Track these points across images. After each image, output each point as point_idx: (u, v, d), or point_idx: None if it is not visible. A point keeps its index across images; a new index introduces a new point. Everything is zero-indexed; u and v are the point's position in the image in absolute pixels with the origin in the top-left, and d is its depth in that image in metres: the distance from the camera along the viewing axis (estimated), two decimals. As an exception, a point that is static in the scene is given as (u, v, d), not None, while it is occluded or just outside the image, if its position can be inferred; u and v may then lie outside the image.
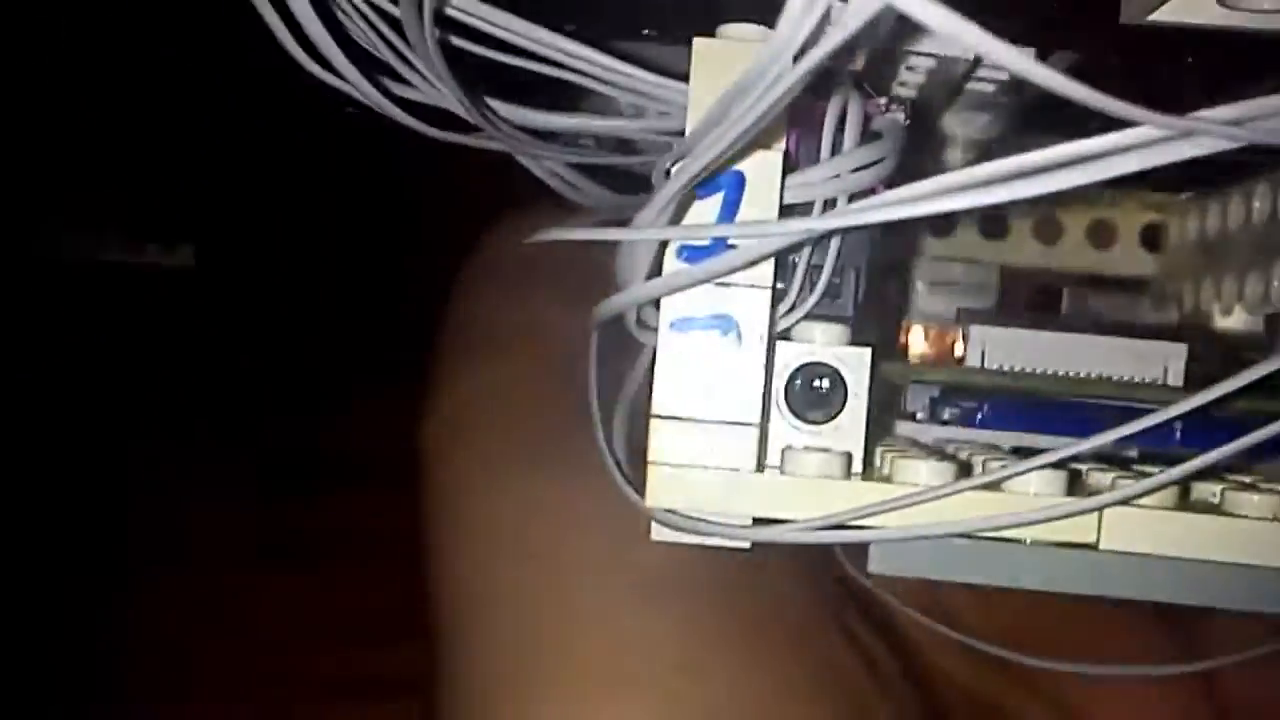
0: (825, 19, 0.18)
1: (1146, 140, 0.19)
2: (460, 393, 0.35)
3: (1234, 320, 0.35)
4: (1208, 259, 0.37)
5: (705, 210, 0.23)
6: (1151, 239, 0.41)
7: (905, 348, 0.37)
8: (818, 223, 0.21)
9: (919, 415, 0.29)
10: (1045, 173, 0.19)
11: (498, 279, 0.37)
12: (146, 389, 0.64)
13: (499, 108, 0.28)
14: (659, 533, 0.24)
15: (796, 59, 0.18)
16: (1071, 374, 0.28)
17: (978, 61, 0.29)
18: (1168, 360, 0.28)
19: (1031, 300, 0.40)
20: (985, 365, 0.28)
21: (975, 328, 0.29)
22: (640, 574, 0.30)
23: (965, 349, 0.29)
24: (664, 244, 0.22)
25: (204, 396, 0.65)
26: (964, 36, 0.17)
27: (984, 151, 0.38)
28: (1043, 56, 0.29)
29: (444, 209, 0.39)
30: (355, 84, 0.25)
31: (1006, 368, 0.28)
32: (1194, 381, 0.29)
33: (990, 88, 0.32)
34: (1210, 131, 0.18)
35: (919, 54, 0.28)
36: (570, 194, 0.30)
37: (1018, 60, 0.17)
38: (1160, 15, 0.23)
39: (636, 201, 0.31)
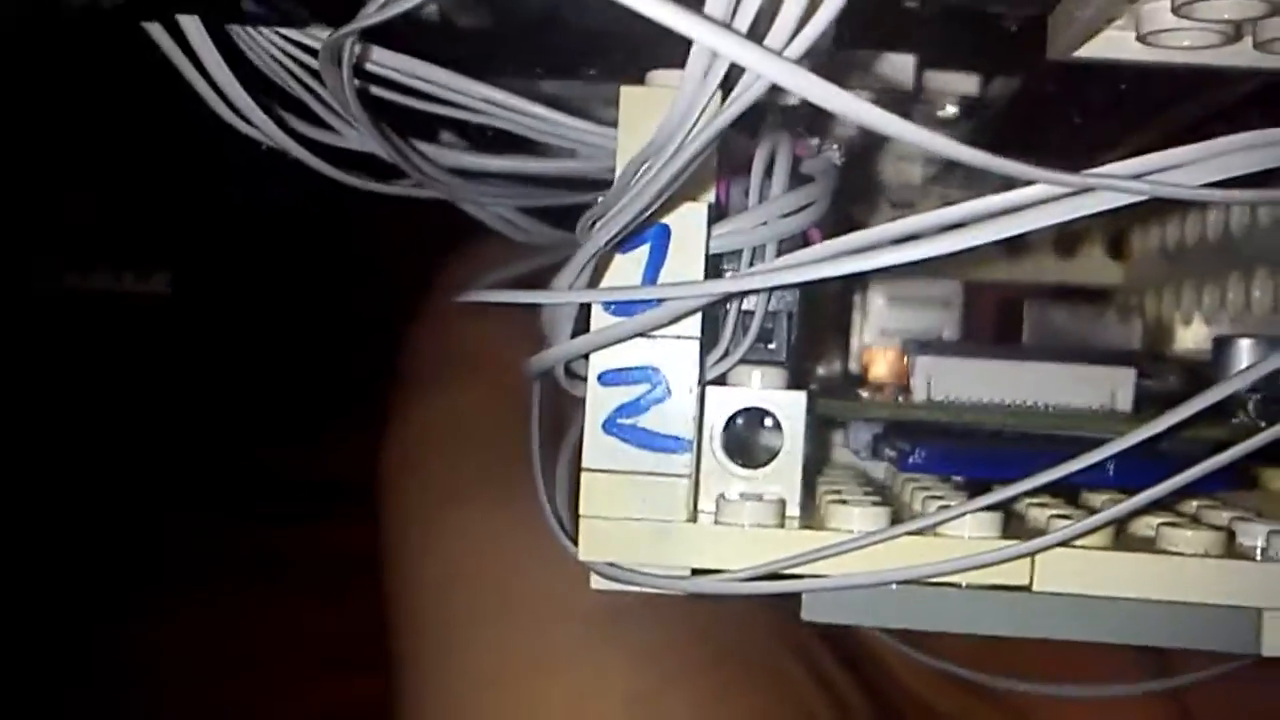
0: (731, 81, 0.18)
1: (1048, 197, 0.19)
2: (416, 425, 0.35)
3: (1193, 331, 0.35)
4: (1171, 268, 0.37)
5: (631, 263, 0.23)
6: (1117, 247, 0.41)
7: (865, 369, 0.37)
8: (734, 284, 0.21)
9: (861, 453, 0.29)
10: (954, 230, 0.19)
11: (452, 310, 0.37)
12: (126, 413, 0.64)
13: (431, 152, 0.28)
14: (598, 582, 0.24)
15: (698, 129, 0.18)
16: (1018, 403, 0.28)
17: (919, 90, 0.29)
18: (1116, 385, 0.28)
19: (997, 312, 0.40)
20: (931, 396, 0.28)
21: (920, 359, 0.28)
22: (597, 606, 0.30)
23: (911, 380, 0.28)
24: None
25: (183, 422, 0.65)
26: (862, 116, 0.17)
27: (943, 165, 0.38)
28: (986, 82, 0.30)
29: (412, 236, 0.39)
30: (273, 137, 0.26)
31: (953, 398, 0.28)
32: (1145, 401, 0.29)
33: (944, 112, 0.32)
34: (1112, 187, 0.18)
35: (858, 88, 0.28)
36: (516, 235, 0.30)
37: (914, 133, 0.17)
38: (1084, 52, 0.23)
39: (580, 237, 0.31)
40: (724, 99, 0.19)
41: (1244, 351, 0.28)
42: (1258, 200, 0.19)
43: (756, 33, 0.17)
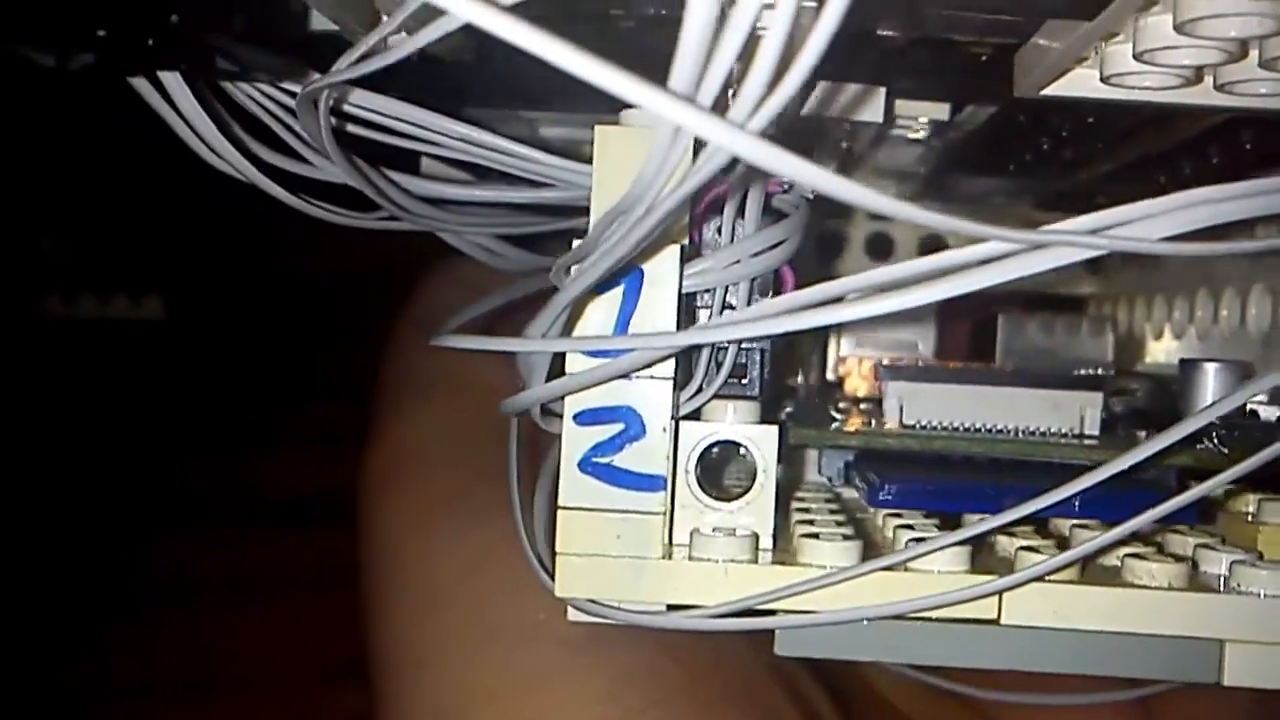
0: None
1: (1002, 253, 0.19)
2: (397, 443, 0.35)
3: (1164, 345, 0.36)
4: (1144, 280, 0.38)
5: (605, 305, 0.23)
6: (1093, 258, 0.41)
7: (841, 380, 0.38)
8: (702, 335, 0.22)
9: (834, 479, 0.30)
10: (917, 285, 0.20)
11: (431, 329, 0.37)
12: (118, 431, 0.65)
13: (408, 184, 0.28)
14: (574, 614, 0.25)
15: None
16: (989, 426, 0.28)
17: (891, 120, 0.30)
18: (1084, 409, 0.28)
19: (972, 324, 0.40)
20: (903, 419, 0.29)
21: (892, 383, 0.29)
22: (578, 628, 0.30)
23: (883, 404, 0.29)
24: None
25: (171, 440, 0.65)
26: (829, 187, 0.17)
27: (919, 184, 0.38)
28: (957, 110, 0.30)
29: (394, 254, 0.39)
30: (250, 176, 0.26)
31: (924, 421, 0.29)
32: (1113, 421, 0.29)
33: (915, 134, 0.32)
34: (1070, 243, 0.19)
35: (837, 120, 0.29)
36: (494, 262, 0.31)
37: (880, 203, 0.17)
38: (1051, 90, 0.24)
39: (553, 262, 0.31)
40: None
41: (1209, 376, 0.29)
42: (1213, 253, 0.19)
43: (722, 101, 0.17)
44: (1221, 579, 0.24)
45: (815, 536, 0.24)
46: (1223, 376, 0.28)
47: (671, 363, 0.23)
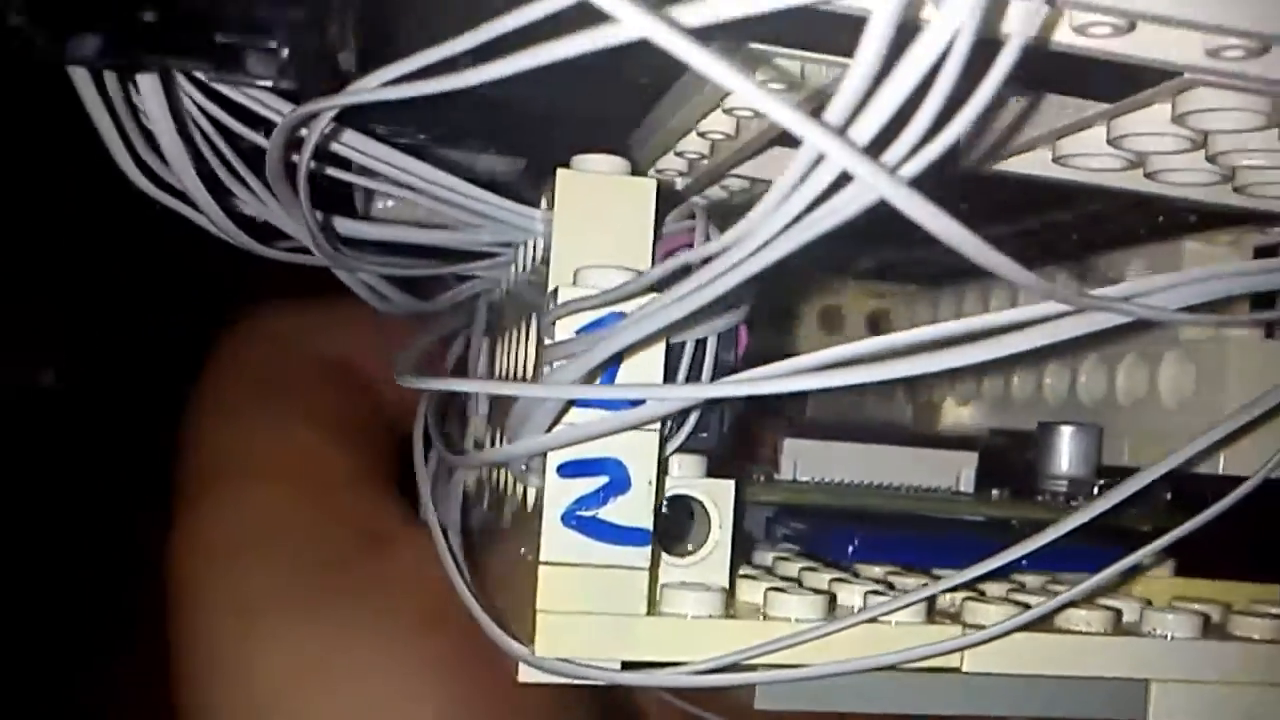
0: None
1: (1049, 315, 0.20)
2: (208, 532, 0.31)
3: (969, 414, 0.38)
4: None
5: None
6: (877, 327, 0.43)
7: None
8: (741, 389, 0.21)
9: (754, 533, 0.30)
10: (964, 344, 0.20)
11: (241, 404, 0.34)
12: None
13: (325, 220, 0.26)
14: (528, 674, 0.23)
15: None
16: (876, 484, 0.29)
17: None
18: (960, 468, 0.30)
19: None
20: (797, 476, 0.29)
21: (788, 441, 0.29)
22: None
23: (779, 462, 0.29)
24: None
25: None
26: (958, 241, 0.17)
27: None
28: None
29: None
30: (196, 195, 0.23)
31: (815, 478, 0.29)
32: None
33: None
34: (1108, 309, 0.20)
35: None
36: (379, 304, 0.29)
37: (1002, 265, 0.18)
38: (1001, 166, 0.25)
39: (435, 306, 0.30)
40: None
41: (1065, 438, 0.31)
42: (1223, 323, 0.21)
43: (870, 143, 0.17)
44: (1140, 625, 0.26)
45: (780, 590, 0.24)
46: (1079, 438, 0.31)
47: (661, 415, 0.23)
